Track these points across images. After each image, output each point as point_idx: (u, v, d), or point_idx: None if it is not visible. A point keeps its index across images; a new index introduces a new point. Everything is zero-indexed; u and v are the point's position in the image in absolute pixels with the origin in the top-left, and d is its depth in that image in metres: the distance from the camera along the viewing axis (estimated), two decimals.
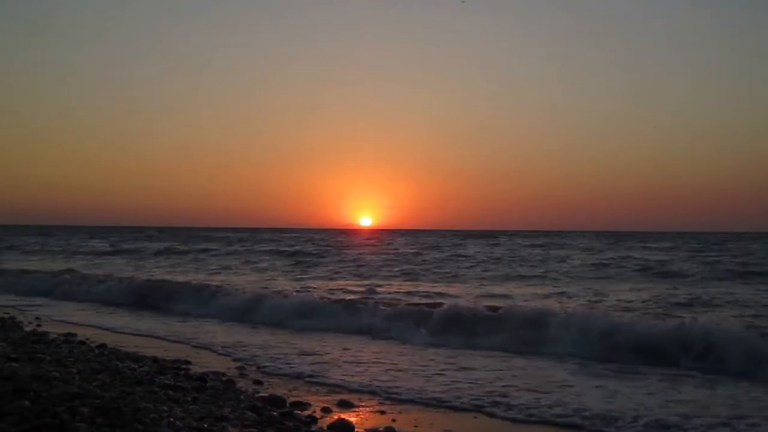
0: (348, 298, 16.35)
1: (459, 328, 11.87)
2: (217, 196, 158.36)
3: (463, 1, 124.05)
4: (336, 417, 6.52)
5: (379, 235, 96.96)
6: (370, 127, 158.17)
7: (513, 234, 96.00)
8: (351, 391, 7.82)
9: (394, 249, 47.87)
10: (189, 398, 6.62)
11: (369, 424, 6.40)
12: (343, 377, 8.54)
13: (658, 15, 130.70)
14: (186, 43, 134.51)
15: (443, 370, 9.05)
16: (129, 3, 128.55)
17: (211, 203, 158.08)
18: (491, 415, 6.92)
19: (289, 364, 9.38)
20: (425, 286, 21.26)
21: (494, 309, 12.81)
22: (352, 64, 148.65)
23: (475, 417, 6.90)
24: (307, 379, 8.48)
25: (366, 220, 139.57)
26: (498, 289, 20.27)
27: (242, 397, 7.13)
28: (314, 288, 20.30)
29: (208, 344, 11.17)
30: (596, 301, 16.75)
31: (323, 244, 56.37)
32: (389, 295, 17.87)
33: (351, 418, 6.60)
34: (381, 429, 6.23)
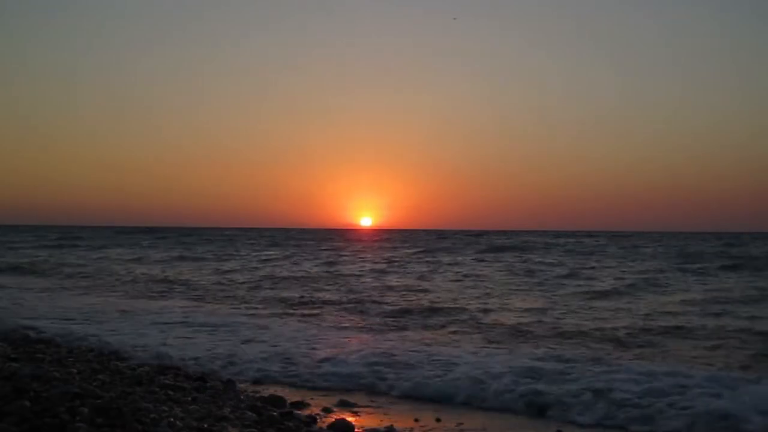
0: None
1: None
2: (218, 196, 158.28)
3: (455, 18, 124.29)
4: (336, 417, 6.52)
5: (378, 235, 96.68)
6: (371, 129, 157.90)
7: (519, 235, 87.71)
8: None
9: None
10: (189, 398, 6.61)
11: (369, 424, 6.40)
12: None
13: (660, 16, 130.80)
14: (188, 46, 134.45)
15: None
16: (132, 5, 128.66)
17: (211, 204, 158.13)
18: None
19: None
20: None
21: None
22: (353, 68, 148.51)
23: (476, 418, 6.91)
24: None
25: (366, 220, 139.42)
26: None
27: (242, 397, 7.13)
28: None
29: None
30: None
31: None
32: None
33: (351, 418, 6.60)
34: (381, 429, 6.23)
